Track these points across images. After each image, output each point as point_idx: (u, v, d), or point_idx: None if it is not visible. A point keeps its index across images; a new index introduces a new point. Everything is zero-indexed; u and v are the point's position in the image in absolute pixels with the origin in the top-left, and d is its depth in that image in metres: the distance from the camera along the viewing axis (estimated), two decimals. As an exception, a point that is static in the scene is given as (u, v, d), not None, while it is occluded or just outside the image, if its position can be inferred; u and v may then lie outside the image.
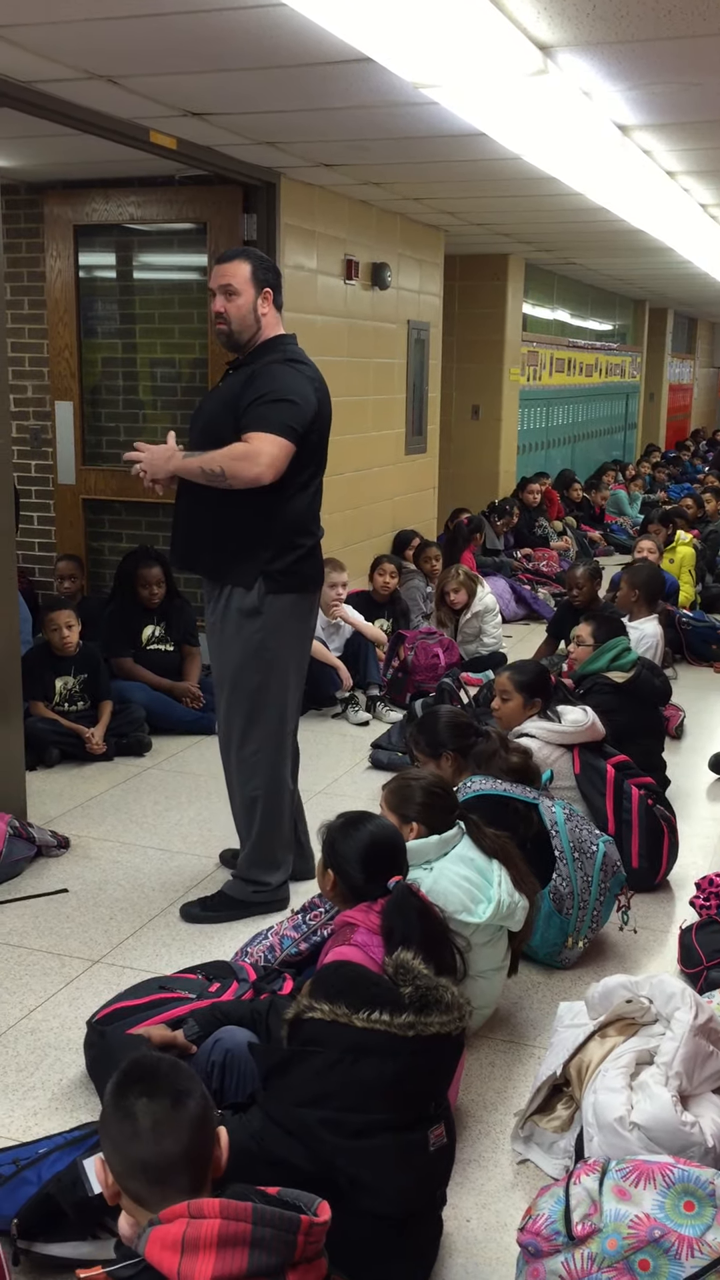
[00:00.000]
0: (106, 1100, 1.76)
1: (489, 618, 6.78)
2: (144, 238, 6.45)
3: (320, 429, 3.62)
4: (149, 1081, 1.74)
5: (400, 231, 7.69)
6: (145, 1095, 1.72)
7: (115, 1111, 1.73)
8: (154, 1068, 1.78)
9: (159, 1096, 1.72)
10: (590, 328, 14.29)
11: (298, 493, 3.59)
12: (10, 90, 4.07)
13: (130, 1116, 1.70)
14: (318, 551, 3.75)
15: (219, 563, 3.66)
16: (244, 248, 3.83)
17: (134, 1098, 1.72)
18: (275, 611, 3.62)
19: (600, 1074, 2.53)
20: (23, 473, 6.70)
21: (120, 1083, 1.76)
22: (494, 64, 3.75)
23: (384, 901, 2.67)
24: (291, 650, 3.72)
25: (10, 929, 3.70)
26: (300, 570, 3.66)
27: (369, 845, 2.72)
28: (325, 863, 2.77)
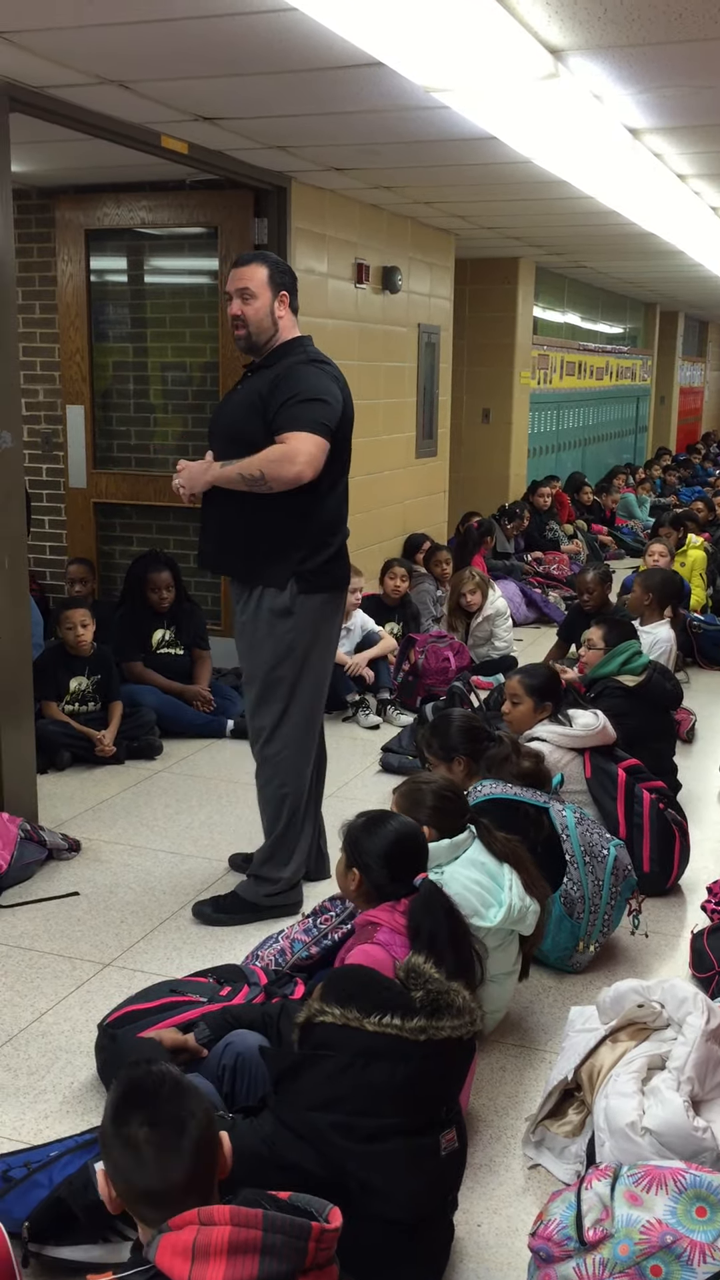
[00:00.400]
0: (107, 1123, 1.73)
1: (500, 621, 6.78)
2: (155, 242, 6.47)
3: (345, 428, 3.65)
4: (150, 1108, 1.71)
5: (411, 235, 7.70)
6: (147, 1123, 1.69)
7: (116, 1139, 1.70)
8: (154, 1091, 1.74)
9: (161, 1125, 1.69)
10: (601, 331, 14.27)
11: (328, 492, 3.62)
12: (22, 95, 4.08)
13: (133, 1146, 1.68)
14: (345, 551, 3.79)
15: (251, 565, 3.67)
16: (260, 252, 3.84)
17: (135, 1125, 1.69)
18: (307, 611, 3.65)
19: (612, 1079, 2.52)
20: (34, 476, 6.72)
21: (120, 1107, 1.73)
22: (505, 68, 3.75)
23: (407, 901, 2.67)
24: (321, 650, 3.75)
25: (21, 932, 3.71)
26: (331, 570, 3.69)
27: (394, 843, 2.73)
28: (349, 861, 2.77)
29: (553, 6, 3.29)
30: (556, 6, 3.29)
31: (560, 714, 4.03)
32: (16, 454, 4.21)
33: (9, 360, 4.14)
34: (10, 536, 4.19)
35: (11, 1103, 2.84)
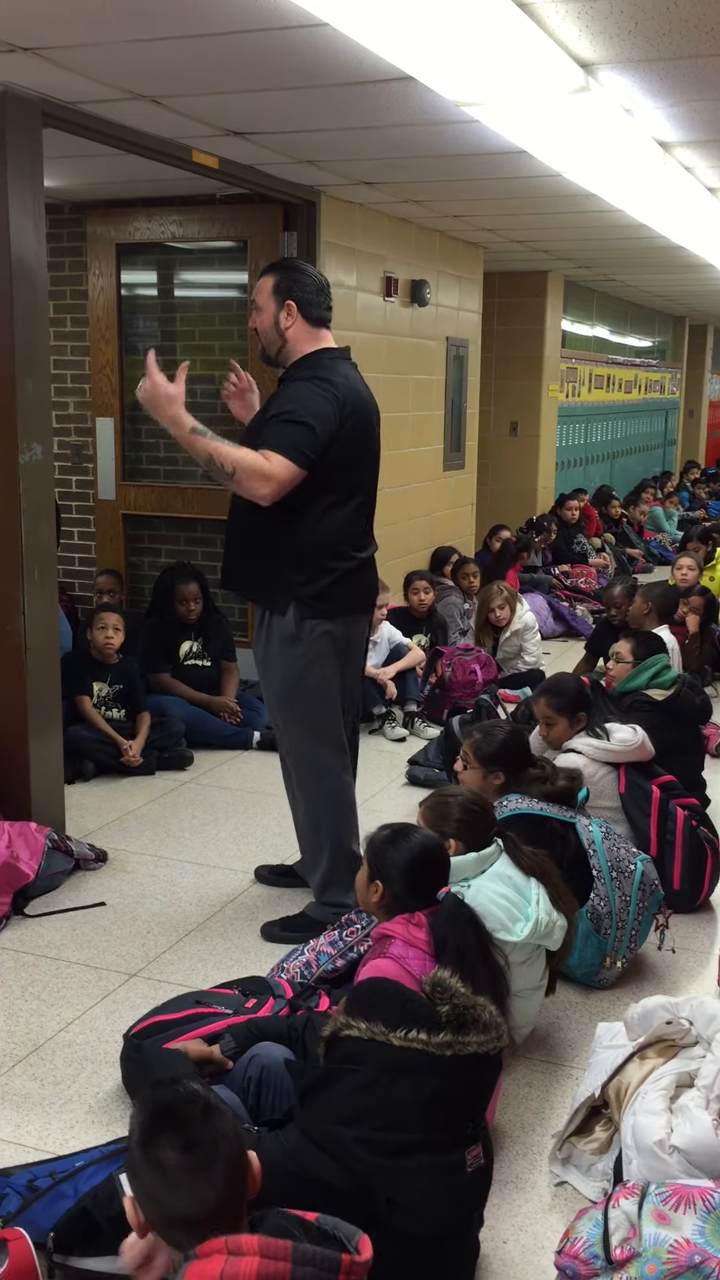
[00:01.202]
0: (135, 1147, 1.69)
1: (529, 635, 6.76)
2: (185, 255, 6.50)
3: (350, 448, 3.51)
4: (180, 1130, 1.67)
5: (440, 248, 7.71)
6: (178, 1147, 1.65)
7: (146, 1162, 1.67)
8: (185, 1113, 1.70)
9: (194, 1148, 1.65)
10: (629, 344, 14.25)
11: (326, 514, 3.50)
12: (55, 111, 4.12)
13: (163, 1170, 1.65)
14: (359, 574, 3.64)
15: (253, 587, 3.67)
16: (280, 260, 3.79)
17: (166, 1149, 1.65)
18: (315, 637, 3.56)
19: (639, 1096, 2.50)
20: (64, 488, 6.76)
21: (149, 1130, 1.69)
22: (535, 82, 3.75)
23: (424, 914, 2.66)
24: (336, 675, 3.63)
25: (48, 941, 3.72)
26: (334, 594, 3.56)
27: (418, 856, 2.72)
28: (371, 874, 2.76)
29: (583, 21, 3.30)
30: (587, 21, 3.30)
31: (597, 727, 3.99)
32: (47, 466, 4.23)
33: (41, 374, 4.17)
34: (40, 548, 4.22)
35: (37, 1112, 2.85)
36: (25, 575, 4.14)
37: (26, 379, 4.07)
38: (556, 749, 4.01)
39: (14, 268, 3.96)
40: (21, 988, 3.43)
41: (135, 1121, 1.73)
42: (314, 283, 3.59)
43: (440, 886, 2.74)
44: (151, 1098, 1.74)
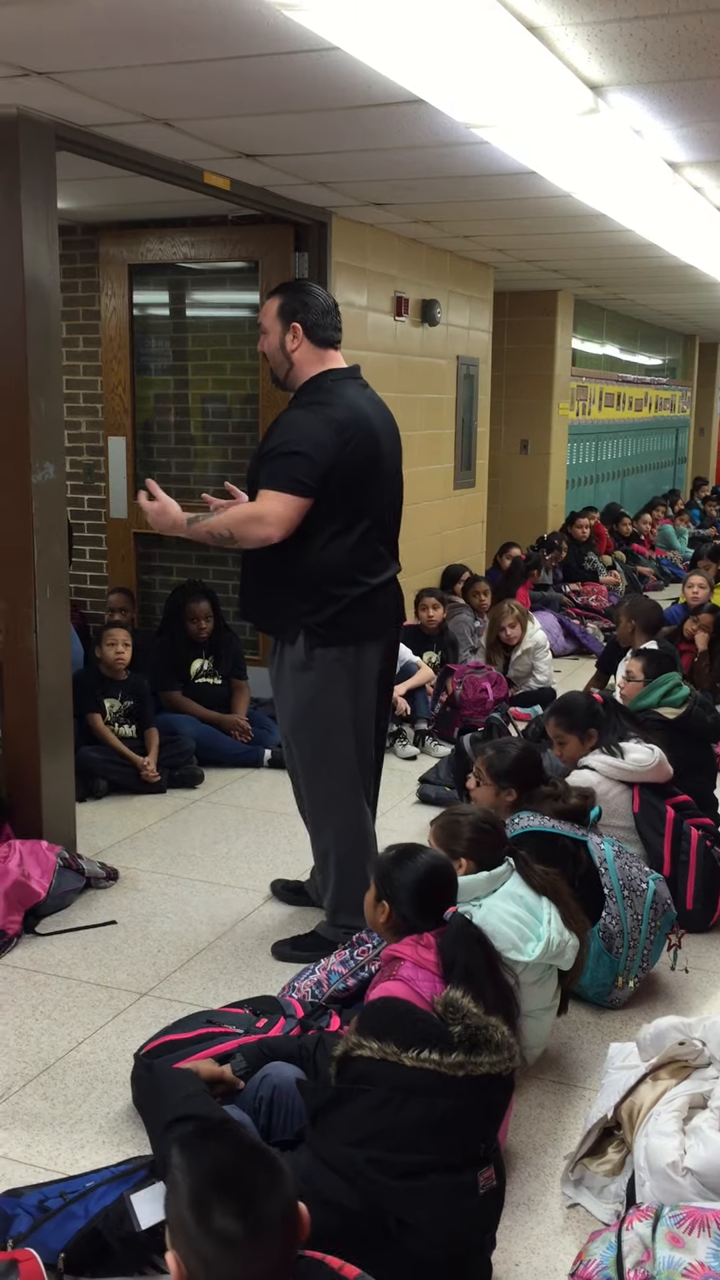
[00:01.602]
0: (186, 1208, 1.55)
1: (540, 654, 6.75)
2: (197, 276, 6.54)
3: (353, 473, 3.45)
4: (238, 1196, 1.55)
5: (450, 268, 7.75)
6: (236, 1215, 1.53)
7: (199, 1227, 1.53)
8: (247, 1178, 1.57)
9: (254, 1217, 1.53)
10: (640, 362, 14.27)
11: (331, 542, 3.46)
12: (68, 134, 4.15)
13: (219, 1237, 1.52)
14: (371, 600, 3.57)
15: (263, 615, 3.68)
16: (287, 282, 3.75)
17: (224, 1218, 1.52)
18: (326, 665, 3.53)
19: (652, 1117, 2.49)
20: (76, 507, 6.79)
21: (204, 1193, 1.55)
22: (545, 104, 3.78)
23: (432, 935, 2.66)
24: (349, 702, 3.58)
25: (59, 960, 3.72)
26: (343, 622, 3.51)
27: (425, 876, 2.71)
28: (379, 894, 2.76)
29: (593, 43, 3.32)
30: (597, 43, 3.32)
31: (612, 744, 3.98)
32: (59, 485, 4.26)
33: (54, 393, 4.19)
34: (53, 566, 4.24)
35: (48, 1132, 2.84)
36: (38, 593, 4.16)
37: (39, 399, 4.09)
38: (572, 767, 4.00)
39: (27, 288, 3.99)
40: (33, 1006, 3.43)
41: (185, 1176, 1.57)
42: (320, 303, 3.54)
43: (448, 906, 2.73)
44: (204, 1151, 1.61)
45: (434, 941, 2.63)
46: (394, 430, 3.71)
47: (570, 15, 3.09)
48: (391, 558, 3.69)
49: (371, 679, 3.66)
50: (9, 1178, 2.65)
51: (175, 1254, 1.57)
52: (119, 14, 3.06)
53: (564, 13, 3.07)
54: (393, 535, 3.71)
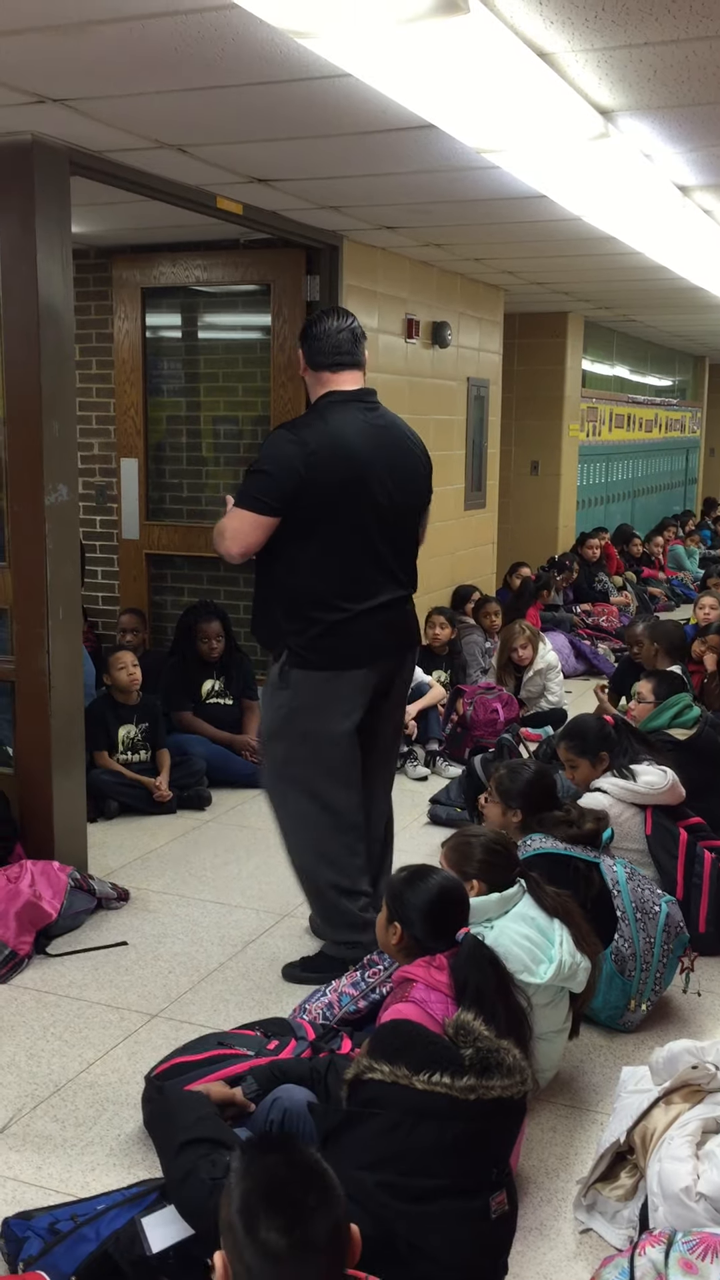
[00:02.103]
0: (235, 1212, 1.58)
1: (552, 675, 6.74)
2: (209, 299, 6.59)
3: (324, 495, 3.43)
4: (285, 1213, 1.57)
5: (460, 291, 7.79)
6: (281, 1231, 1.55)
7: (247, 1235, 1.56)
8: (299, 1198, 1.59)
9: (295, 1231, 1.56)
10: (650, 384, 14.30)
11: (309, 565, 3.47)
12: (82, 160, 4.19)
13: (264, 1248, 1.54)
14: (350, 626, 3.52)
15: (259, 630, 3.74)
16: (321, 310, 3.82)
17: (269, 1231, 1.55)
18: (304, 687, 3.54)
19: (665, 1142, 2.48)
20: (88, 528, 6.82)
21: (253, 1201, 1.58)
22: (556, 129, 3.80)
23: (444, 957, 2.65)
24: (320, 727, 3.55)
25: (70, 981, 3.71)
26: (323, 646, 3.50)
27: (436, 898, 2.71)
28: (390, 915, 2.75)
29: (603, 69, 3.35)
30: (607, 69, 3.34)
31: (624, 767, 3.97)
32: (72, 506, 4.28)
33: (67, 415, 4.22)
34: (65, 587, 4.26)
35: (59, 1154, 2.84)
36: (50, 614, 4.18)
37: (53, 421, 4.12)
38: (583, 790, 3.99)
39: (41, 312, 4.02)
40: (44, 1028, 3.43)
41: (239, 1181, 1.60)
42: (323, 329, 3.57)
43: (460, 927, 2.72)
44: (261, 1161, 1.63)
45: (446, 963, 2.63)
46: (399, 454, 3.63)
47: (581, 41, 3.12)
48: (389, 583, 3.61)
49: (355, 705, 3.59)
50: (20, 1200, 2.65)
51: (223, 1255, 1.60)
52: (133, 42, 3.10)
53: (574, 39, 3.10)
54: (388, 562, 3.60)
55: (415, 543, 3.76)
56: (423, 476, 3.75)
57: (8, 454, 4.17)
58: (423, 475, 3.75)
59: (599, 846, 3.58)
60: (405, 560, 3.70)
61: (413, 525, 3.72)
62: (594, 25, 2.99)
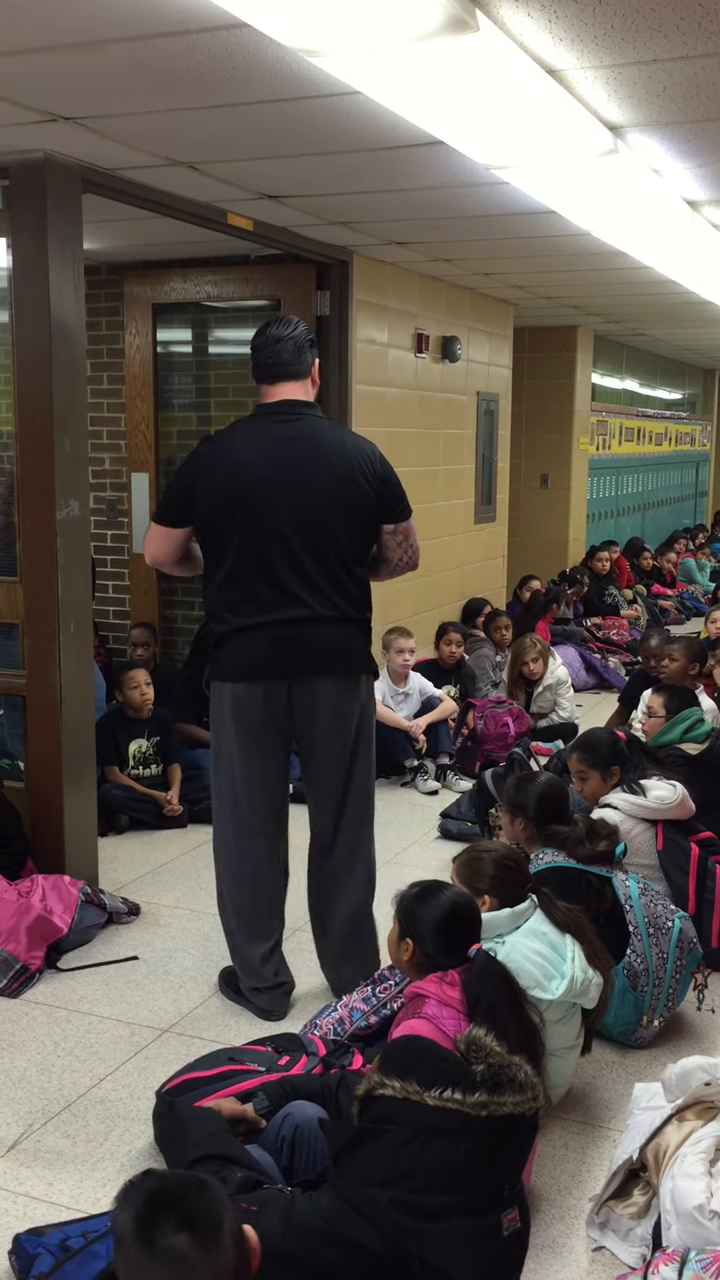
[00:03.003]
0: (131, 1245, 1.54)
1: (563, 690, 6.73)
2: (220, 314, 6.61)
3: (210, 509, 3.39)
4: (176, 1208, 1.55)
5: (470, 305, 7.81)
6: (178, 1229, 1.53)
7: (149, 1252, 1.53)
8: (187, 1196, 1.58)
9: (191, 1222, 1.54)
10: (659, 397, 14.31)
11: (210, 577, 3.48)
12: (94, 177, 4.22)
13: (170, 1255, 1.52)
14: (235, 640, 3.43)
15: None
16: None
17: (170, 1235, 1.52)
18: (218, 698, 3.51)
19: (678, 1159, 2.46)
20: (99, 542, 6.84)
21: (146, 1220, 1.55)
22: (565, 145, 3.82)
23: (456, 973, 2.64)
24: (230, 739, 3.49)
25: (81, 996, 3.71)
26: (220, 656, 3.48)
27: (448, 914, 2.70)
28: (402, 931, 2.75)
29: (612, 86, 3.36)
30: (616, 86, 3.36)
31: (634, 782, 3.97)
32: (84, 521, 4.30)
33: (78, 431, 4.24)
34: (76, 602, 4.27)
35: (70, 1170, 2.83)
36: (61, 628, 4.19)
37: (64, 436, 4.14)
38: (593, 804, 3.98)
39: (53, 328, 4.05)
40: (54, 1043, 3.43)
41: (125, 1218, 1.57)
42: (261, 340, 3.50)
43: (472, 943, 2.71)
44: (137, 1188, 1.61)
45: (458, 979, 2.62)
46: (308, 467, 3.40)
47: (590, 59, 3.13)
48: (289, 602, 3.40)
49: (244, 723, 3.47)
50: (31, 1216, 2.64)
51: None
52: (144, 60, 3.12)
53: (584, 56, 3.11)
54: (285, 579, 3.38)
55: (343, 559, 3.44)
56: (346, 490, 3.41)
57: (20, 469, 4.18)
58: (346, 488, 3.41)
59: (611, 862, 3.57)
60: (323, 579, 3.42)
61: (336, 541, 3.41)
62: (603, 42, 3.00)
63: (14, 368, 4.14)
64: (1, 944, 3.75)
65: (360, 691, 3.56)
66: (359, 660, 3.55)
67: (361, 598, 3.53)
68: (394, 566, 3.62)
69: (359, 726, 3.57)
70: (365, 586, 3.55)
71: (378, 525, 3.53)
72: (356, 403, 6.19)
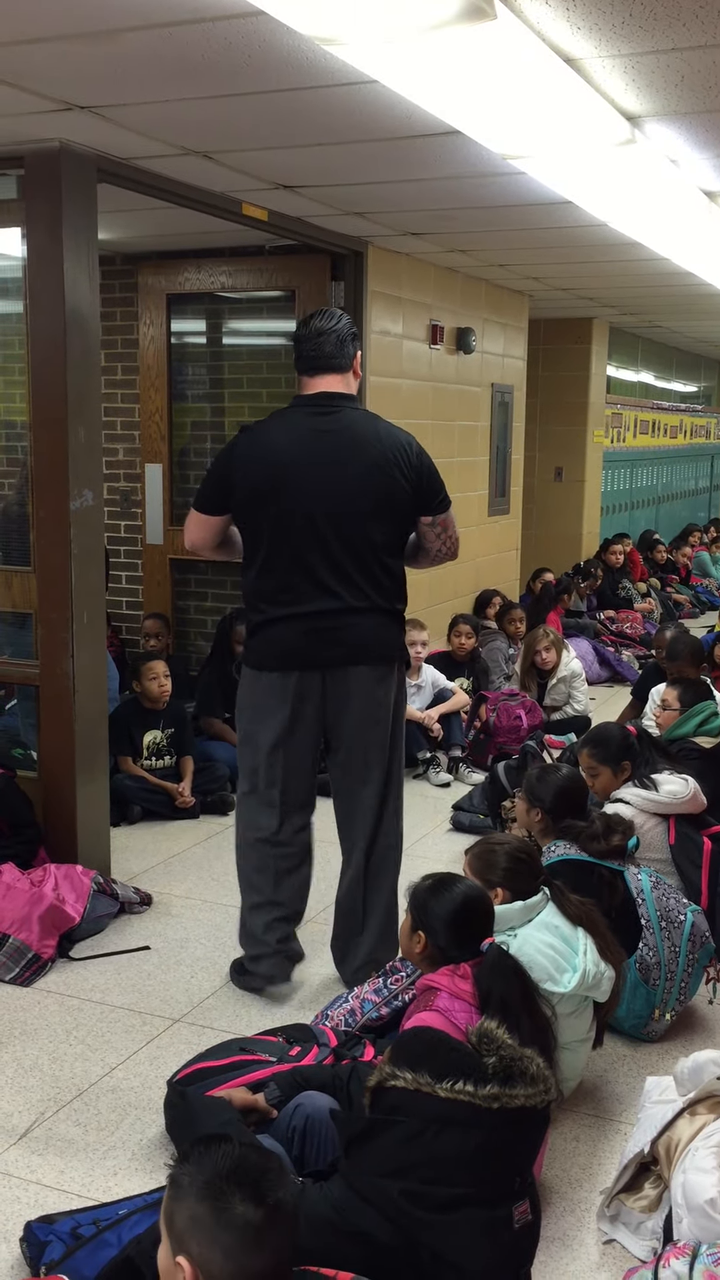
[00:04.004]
0: (199, 1202, 1.61)
1: (576, 683, 6.70)
2: (234, 305, 6.61)
3: (245, 499, 3.43)
4: (257, 1183, 1.62)
5: (485, 297, 7.78)
6: (255, 1202, 1.60)
7: (219, 1218, 1.59)
8: (262, 1168, 1.65)
9: (269, 1199, 1.61)
10: (675, 389, 14.25)
11: (248, 565, 3.53)
12: (109, 167, 4.22)
13: (241, 1223, 1.59)
14: (267, 630, 3.48)
15: None
16: None
17: (243, 1204, 1.60)
18: (243, 684, 3.61)
19: (690, 1153, 2.46)
20: (112, 533, 6.85)
21: (219, 1184, 1.62)
22: (582, 135, 3.80)
23: (469, 965, 2.64)
24: (253, 730, 3.57)
25: (93, 985, 3.72)
26: (252, 645, 3.55)
27: (461, 907, 2.70)
28: (414, 924, 2.75)
29: (630, 75, 3.34)
30: (634, 75, 3.33)
31: (645, 777, 3.95)
32: (97, 512, 4.30)
33: (92, 421, 4.24)
34: (90, 592, 4.27)
35: (81, 1158, 2.84)
36: (74, 618, 4.20)
37: (79, 426, 4.14)
38: (604, 799, 3.97)
39: (68, 318, 4.04)
40: (66, 1031, 3.44)
41: (196, 1175, 1.64)
42: (304, 332, 3.53)
43: (484, 937, 2.71)
44: (219, 1152, 1.66)
45: (470, 972, 2.62)
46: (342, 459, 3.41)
47: (608, 47, 3.11)
48: (320, 593, 3.42)
49: (274, 712, 3.51)
50: (42, 1204, 2.65)
51: (185, 1256, 1.61)
52: (160, 49, 3.11)
53: (601, 45, 3.09)
54: (318, 570, 3.41)
55: (375, 551, 3.45)
56: (381, 482, 3.41)
57: (34, 459, 4.19)
58: (380, 480, 3.41)
59: (624, 856, 3.56)
60: (356, 570, 3.43)
61: (369, 533, 3.42)
62: (621, 31, 2.98)
63: (29, 358, 4.14)
64: (14, 933, 3.77)
65: (394, 679, 3.59)
66: (391, 648, 3.58)
67: (395, 589, 3.55)
68: (434, 557, 3.65)
69: (395, 713, 3.61)
70: (399, 577, 3.57)
71: (414, 516, 3.53)
72: (371, 394, 6.18)
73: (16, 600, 4.36)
